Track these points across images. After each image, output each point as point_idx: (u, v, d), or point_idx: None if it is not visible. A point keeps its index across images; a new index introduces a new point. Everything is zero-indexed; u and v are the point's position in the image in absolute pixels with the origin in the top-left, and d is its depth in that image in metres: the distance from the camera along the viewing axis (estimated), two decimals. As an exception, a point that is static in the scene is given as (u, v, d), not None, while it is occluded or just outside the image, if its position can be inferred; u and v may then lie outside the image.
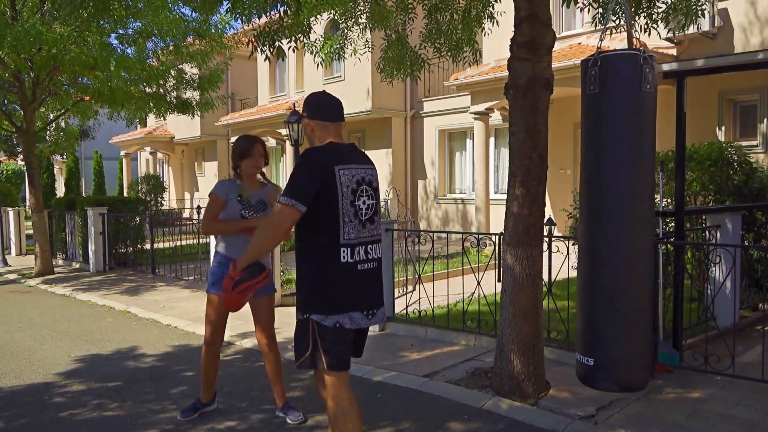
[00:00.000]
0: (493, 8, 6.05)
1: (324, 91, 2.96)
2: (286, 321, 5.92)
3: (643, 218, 2.87)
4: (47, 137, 17.21)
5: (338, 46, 6.80)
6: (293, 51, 6.26)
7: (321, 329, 2.69)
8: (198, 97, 12.52)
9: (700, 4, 5.33)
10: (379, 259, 2.86)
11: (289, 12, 5.50)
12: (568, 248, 5.17)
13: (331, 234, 2.67)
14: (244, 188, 3.87)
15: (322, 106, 2.85)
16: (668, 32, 9.89)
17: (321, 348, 2.69)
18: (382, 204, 16.07)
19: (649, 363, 2.98)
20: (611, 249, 2.85)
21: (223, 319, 3.97)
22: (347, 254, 2.69)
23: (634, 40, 3.22)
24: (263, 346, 3.95)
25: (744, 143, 9.54)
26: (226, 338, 6.25)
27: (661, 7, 5.50)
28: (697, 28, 9.68)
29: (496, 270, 5.05)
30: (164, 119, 22.83)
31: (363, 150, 3.02)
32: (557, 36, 4.99)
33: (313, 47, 6.74)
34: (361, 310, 2.73)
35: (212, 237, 4.01)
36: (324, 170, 2.65)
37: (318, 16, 6.27)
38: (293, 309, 3.27)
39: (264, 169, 4.00)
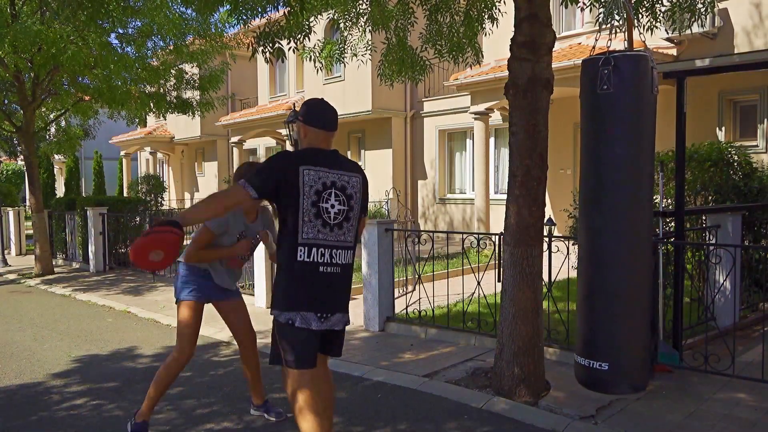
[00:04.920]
0: (495, 8, 6.03)
1: (323, 99, 3.01)
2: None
3: (642, 218, 2.87)
4: (48, 137, 17.19)
5: (338, 49, 6.79)
6: (293, 52, 6.25)
7: (279, 326, 2.76)
8: (198, 97, 12.52)
9: (706, 2, 5.32)
10: (346, 266, 2.84)
11: (291, 12, 5.49)
12: (568, 248, 5.16)
13: (290, 232, 2.72)
14: (239, 217, 3.75)
15: (317, 114, 2.90)
16: (673, 31, 9.89)
17: (280, 344, 2.76)
18: (382, 204, 16.08)
19: (648, 364, 2.97)
20: (610, 249, 2.85)
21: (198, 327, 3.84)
22: (304, 253, 2.71)
23: (634, 40, 3.22)
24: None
25: (744, 143, 9.54)
26: (225, 338, 6.26)
27: (665, 6, 5.49)
28: (701, 25, 9.68)
29: (496, 270, 5.05)
30: (164, 119, 22.86)
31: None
32: (557, 36, 4.98)
33: (312, 53, 6.74)
34: (314, 311, 2.73)
35: None
36: (287, 167, 2.71)
37: (318, 17, 6.26)
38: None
39: None
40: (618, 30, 3.20)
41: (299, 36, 5.91)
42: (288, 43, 5.97)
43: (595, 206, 2.92)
